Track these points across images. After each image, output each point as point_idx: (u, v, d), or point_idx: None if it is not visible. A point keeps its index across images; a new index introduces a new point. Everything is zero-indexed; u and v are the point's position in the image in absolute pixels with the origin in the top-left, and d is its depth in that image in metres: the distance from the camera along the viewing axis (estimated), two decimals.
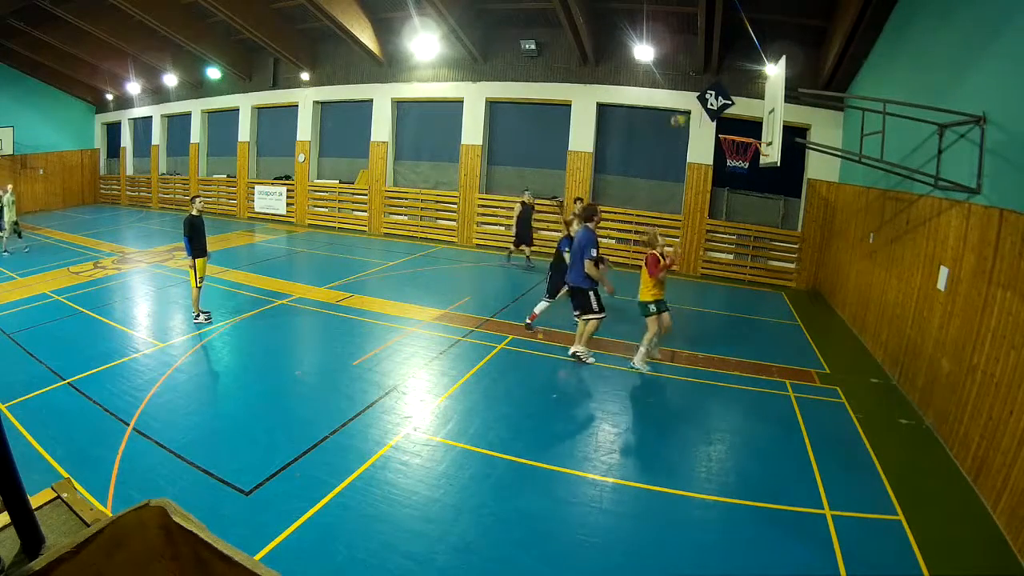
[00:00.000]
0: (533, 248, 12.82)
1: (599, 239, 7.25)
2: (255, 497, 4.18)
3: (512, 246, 12.84)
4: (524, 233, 12.48)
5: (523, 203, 12.47)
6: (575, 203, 10.90)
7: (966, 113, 5.56)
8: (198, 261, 7.94)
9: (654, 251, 6.94)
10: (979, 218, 5.28)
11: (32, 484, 1.16)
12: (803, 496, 4.51)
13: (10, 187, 13.72)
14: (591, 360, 7.15)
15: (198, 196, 8.51)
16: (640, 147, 13.99)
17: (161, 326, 8.19)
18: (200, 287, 8.06)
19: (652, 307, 6.88)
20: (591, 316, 7.08)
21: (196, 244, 7.92)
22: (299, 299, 9.49)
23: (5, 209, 12.99)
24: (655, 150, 13.82)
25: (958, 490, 4.72)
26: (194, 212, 8.07)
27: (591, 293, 7.04)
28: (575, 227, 7.52)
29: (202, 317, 8.06)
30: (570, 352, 7.25)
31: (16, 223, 13.29)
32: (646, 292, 6.89)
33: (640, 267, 7.16)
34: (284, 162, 18.57)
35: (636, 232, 13.73)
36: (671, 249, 7.26)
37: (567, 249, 7.69)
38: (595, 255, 6.92)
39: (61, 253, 12.84)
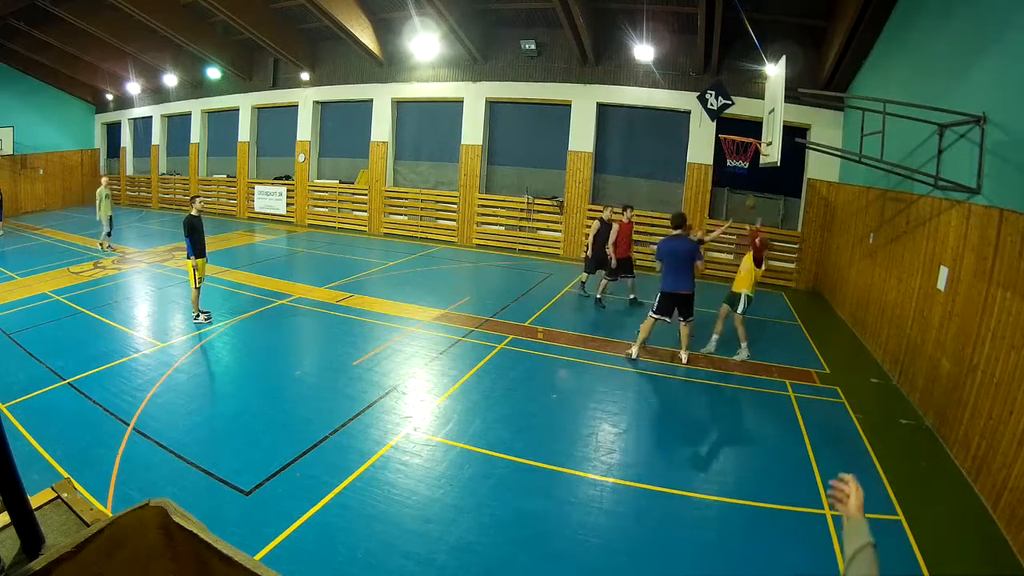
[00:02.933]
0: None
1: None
2: (255, 497, 4.18)
3: (606, 275, 10.11)
4: (599, 256, 10.01)
5: (600, 219, 10.04)
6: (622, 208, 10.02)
7: (966, 113, 5.56)
8: (198, 261, 7.95)
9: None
10: (979, 218, 5.28)
11: (32, 484, 1.16)
12: (803, 496, 4.51)
13: (105, 180, 13.68)
14: None
15: (198, 196, 8.53)
16: (640, 147, 14.00)
17: (161, 326, 8.19)
18: (199, 287, 8.06)
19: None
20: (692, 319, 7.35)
21: (196, 244, 7.93)
22: (299, 299, 9.49)
23: (102, 204, 12.90)
24: (655, 150, 13.82)
25: (958, 490, 4.72)
26: (193, 212, 8.08)
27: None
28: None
29: (202, 317, 8.06)
30: (686, 360, 7.32)
31: (110, 219, 13.17)
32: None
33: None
34: (284, 162, 18.57)
35: (636, 232, 13.68)
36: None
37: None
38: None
39: (61, 253, 12.84)
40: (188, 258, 7.93)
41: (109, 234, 13.25)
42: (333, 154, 17.96)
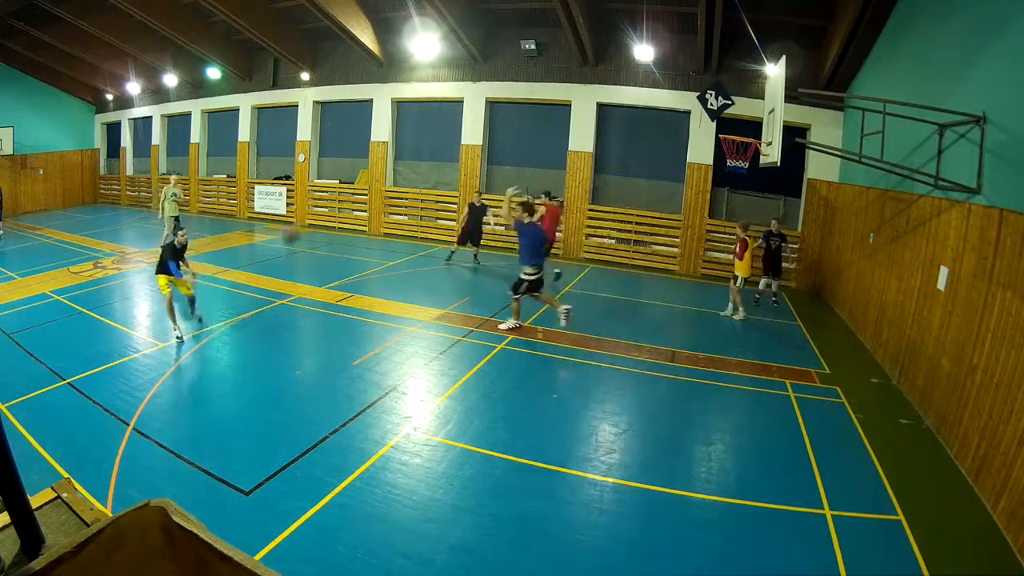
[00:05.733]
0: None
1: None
2: (255, 497, 4.18)
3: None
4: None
5: (472, 204, 12.80)
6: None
7: (966, 113, 5.56)
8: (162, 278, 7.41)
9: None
10: (979, 218, 5.28)
11: (32, 484, 1.16)
12: (803, 496, 4.51)
13: (174, 178, 13.17)
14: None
15: (183, 230, 7.91)
16: (640, 147, 13.99)
17: (161, 326, 8.17)
18: (174, 302, 7.40)
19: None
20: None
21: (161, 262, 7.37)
22: (299, 299, 9.49)
23: (166, 203, 12.39)
24: (655, 150, 13.82)
25: (958, 490, 4.72)
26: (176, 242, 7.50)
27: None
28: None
29: (175, 335, 7.32)
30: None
31: (177, 219, 12.44)
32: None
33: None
34: (284, 162, 18.57)
35: (636, 232, 13.74)
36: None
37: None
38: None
39: (61, 253, 12.83)
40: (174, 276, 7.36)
41: (174, 234, 12.79)
42: (333, 154, 17.95)
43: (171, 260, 7.37)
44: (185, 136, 20.56)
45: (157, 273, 7.56)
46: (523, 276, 8.07)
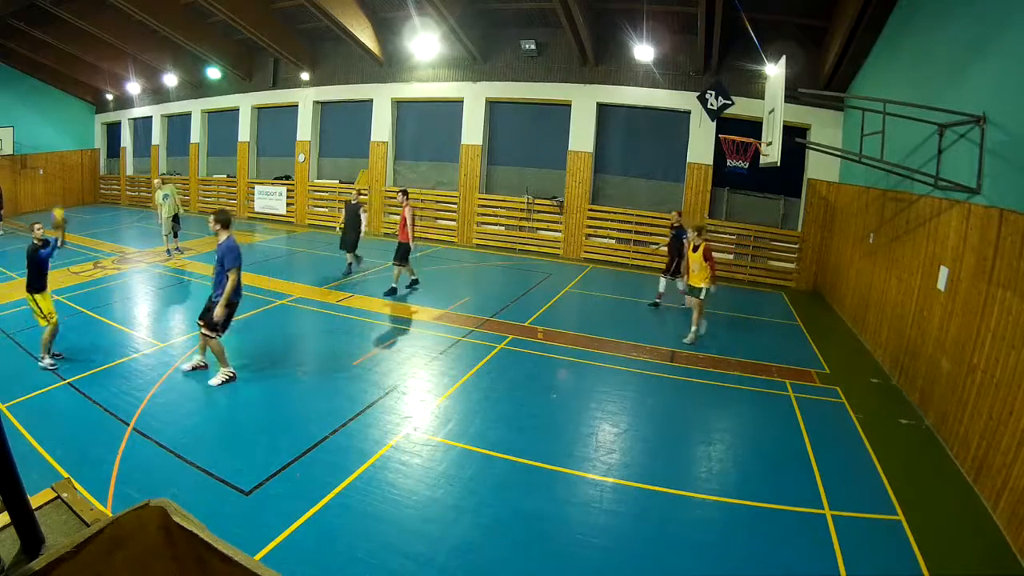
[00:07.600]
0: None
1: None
2: (255, 497, 4.18)
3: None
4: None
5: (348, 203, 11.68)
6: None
7: (966, 113, 5.56)
8: (36, 296, 6.46)
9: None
10: (979, 218, 5.28)
11: (32, 484, 1.16)
12: (803, 496, 4.51)
13: (156, 182, 12.89)
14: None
15: (38, 223, 6.80)
16: (640, 147, 14.00)
17: (161, 326, 8.19)
18: (52, 326, 6.37)
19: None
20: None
21: (31, 276, 6.50)
22: (299, 299, 9.49)
23: (163, 206, 12.19)
24: (655, 150, 13.82)
25: (958, 490, 4.72)
26: (35, 239, 6.54)
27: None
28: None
29: (48, 361, 6.31)
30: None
31: (175, 219, 12.31)
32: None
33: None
34: (284, 162, 18.57)
35: (636, 232, 13.74)
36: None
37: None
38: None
39: (61, 253, 12.74)
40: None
41: (175, 236, 12.55)
42: (333, 154, 17.95)
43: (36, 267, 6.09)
44: (185, 136, 20.57)
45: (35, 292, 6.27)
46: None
